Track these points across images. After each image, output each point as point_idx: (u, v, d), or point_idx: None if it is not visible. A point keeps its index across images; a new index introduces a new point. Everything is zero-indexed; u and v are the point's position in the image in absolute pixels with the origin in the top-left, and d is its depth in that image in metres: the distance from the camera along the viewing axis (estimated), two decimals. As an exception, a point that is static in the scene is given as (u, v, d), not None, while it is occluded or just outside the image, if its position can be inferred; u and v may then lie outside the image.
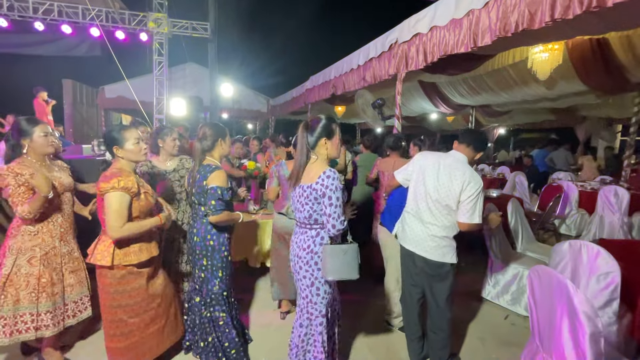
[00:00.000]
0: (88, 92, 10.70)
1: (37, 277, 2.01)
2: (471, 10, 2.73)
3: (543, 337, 1.59)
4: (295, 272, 1.90)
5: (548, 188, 5.56)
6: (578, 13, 2.03)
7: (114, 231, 1.79)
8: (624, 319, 2.04)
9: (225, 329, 2.15)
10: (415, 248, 2.16)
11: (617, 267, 1.89)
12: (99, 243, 1.91)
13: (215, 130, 2.15)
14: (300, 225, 1.88)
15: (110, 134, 1.92)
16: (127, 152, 1.91)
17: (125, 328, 1.96)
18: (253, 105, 12.12)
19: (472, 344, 2.58)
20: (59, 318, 2.08)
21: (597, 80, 4.85)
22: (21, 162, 1.99)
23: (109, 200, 1.78)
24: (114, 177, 1.80)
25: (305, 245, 1.83)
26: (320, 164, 1.81)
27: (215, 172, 2.03)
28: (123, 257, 1.88)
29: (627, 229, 4.46)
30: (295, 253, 1.89)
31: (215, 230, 2.11)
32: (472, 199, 1.98)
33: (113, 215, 1.78)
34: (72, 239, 2.21)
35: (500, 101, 7.09)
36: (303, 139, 1.81)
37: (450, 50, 3.01)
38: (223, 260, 2.14)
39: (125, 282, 1.93)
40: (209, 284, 2.14)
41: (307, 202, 1.79)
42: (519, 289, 3.03)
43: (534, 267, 1.62)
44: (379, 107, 4.53)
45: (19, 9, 7.71)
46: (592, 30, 3.25)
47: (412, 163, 2.27)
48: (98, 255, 1.87)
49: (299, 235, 1.88)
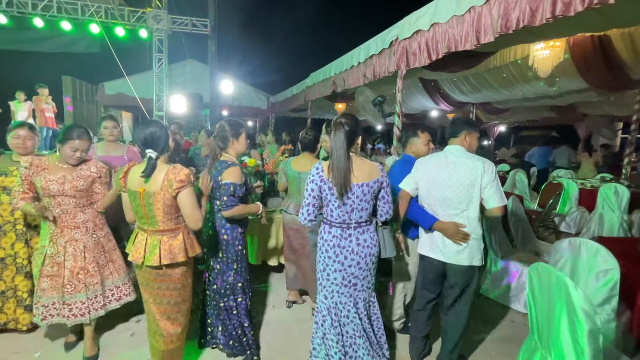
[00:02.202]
0: (88, 89, 10.69)
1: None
2: (472, 7, 2.72)
3: (542, 334, 1.60)
4: (363, 273, 1.86)
5: (548, 185, 5.56)
6: (579, 10, 2.02)
7: (200, 221, 1.83)
8: (623, 316, 2.05)
9: (240, 317, 2.23)
10: (445, 256, 2.06)
11: (616, 264, 1.90)
12: (162, 244, 1.82)
13: (229, 127, 2.16)
14: (359, 224, 1.84)
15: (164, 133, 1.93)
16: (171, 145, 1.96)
17: (184, 320, 2.00)
18: (253, 103, 12.10)
19: (471, 341, 2.59)
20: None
21: (598, 78, 4.84)
22: (39, 157, 2.19)
23: (188, 196, 1.79)
24: (184, 172, 1.79)
25: (374, 242, 1.88)
26: (363, 159, 1.86)
27: (230, 169, 2.06)
28: (191, 249, 1.90)
29: (627, 226, 4.47)
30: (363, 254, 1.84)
31: (229, 224, 2.15)
32: (493, 179, 1.94)
33: (196, 208, 1.82)
34: (64, 242, 2.15)
35: (501, 98, 7.09)
36: (341, 139, 1.75)
37: (452, 48, 3.00)
38: (237, 253, 2.20)
39: (189, 275, 1.97)
40: (224, 275, 2.20)
41: (372, 199, 1.83)
42: (518, 286, 3.04)
43: (534, 265, 1.63)
44: (380, 105, 4.53)
45: (18, 5, 7.68)
46: (594, 27, 3.24)
47: (415, 171, 2.18)
48: (169, 255, 1.81)
49: (359, 235, 1.84)
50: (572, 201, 5.15)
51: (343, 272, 1.85)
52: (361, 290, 1.90)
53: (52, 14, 7.86)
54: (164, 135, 1.83)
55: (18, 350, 2.35)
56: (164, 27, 8.74)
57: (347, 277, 1.85)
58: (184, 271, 1.91)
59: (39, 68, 10.25)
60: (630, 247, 2.63)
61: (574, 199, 5.15)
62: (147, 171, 1.75)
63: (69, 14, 7.96)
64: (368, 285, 1.93)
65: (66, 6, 7.91)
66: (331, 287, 1.89)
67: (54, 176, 2.10)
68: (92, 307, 2.18)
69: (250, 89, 12.10)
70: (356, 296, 1.90)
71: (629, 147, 6.12)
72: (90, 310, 2.17)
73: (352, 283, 1.87)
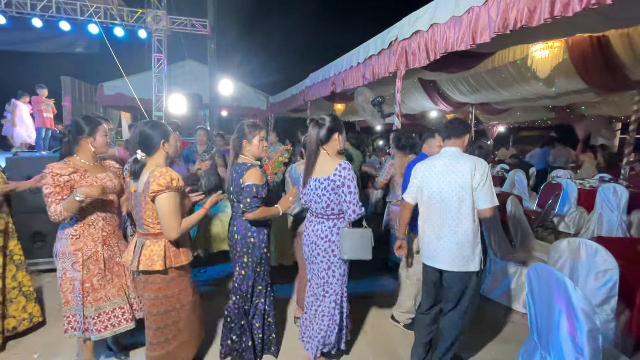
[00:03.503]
0: (87, 89, 10.66)
1: (81, 281, 1.95)
2: (471, 7, 2.72)
3: (541, 334, 1.60)
4: (312, 257, 2.11)
5: (547, 186, 5.57)
6: (578, 10, 2.02)
7: (174, 231, 1.75)
8: (622, 316, 2.05)
9: (265, 320, 2.25)
10: (441, 264, 2.04)
11: (615, 264, 1.90)
12: (144, 248, 1.79)
13: (242, 129, 2.13)
14: (317, 215, 2.08)
15: (164, 127, 1.88)
16: (170, 147, 1.87)
17: (170, 334, 1.92)
18: (252, 103, 12.09)
19: (470, 341, 2.59)
20: (103, 324, 2.00)
21: (597, 78, 4.85)
22: (68, 161, 1.93)
23: (163, 202, 1.71)
24: (166, 176, 1.71)
25: (323, 235, 2.05)
26: (333, 158, 2.02)
27: (251, 170, 2.03)
28: (174, 259, 1.83)
29: (626, 226, 4.47)
30: (312, 241, 2.09)
31: (255, 227, 2.14)
32: (485, 179, 1.91)
33: (172, 216, 1.73)
34: (115, 243, 2.10)
35: (500, 99, 7.10)
36: (315, 134, 2.02)
37: (451, 48, 3.01)
38: (262, 256, 2.18)
39: (174, 285, 1.88)
40: (249, 280, 2.18)
41: (324, 194, 1.99)
42: (518, 286, 3.04)
43: (533, 265, 1.63)
44: (379, 105, 4.53)
45: (17, 6, 7.68)
46: (592, 28, 3.24)
47: (414, 177, 2.18)
48: (147, 261, 1.77)
49: (315, 224, 2.08)
50: (571, 201, 5.16)
51: (305, 247, 2.17)
52: (316, 274, 2.15)
53: (51, 14, 7.85)
54: (155, 136, 1.79)
55: (18, 352, 2.35)
56: (163, 28, 8.74)
57: (306, 252, 2.17)
58: (167, 280, 1.84)
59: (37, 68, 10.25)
60: (629, 247, 2.63)
61: (573, 199, 5.16)
62: (131, 174, 1.77)
63: (68, 14, 7.96)
64: (321, 276, 2.12)
65: (65, 6, 7.91)
66: (306, 260, 2.20)
67: (100, 175, 2.00)
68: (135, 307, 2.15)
69: (249, 89, 12.10)
70: (314, 275, 2.16)
71: (627, 148, 6.14)
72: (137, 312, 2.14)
73: (309, 261, 2.16)
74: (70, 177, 1.86)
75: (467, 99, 7.37)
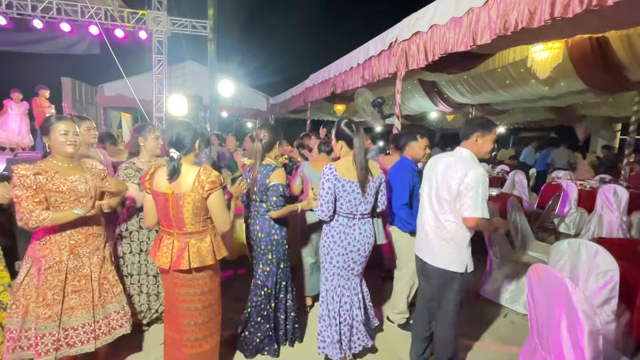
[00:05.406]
0: (87, 90, 10.68)
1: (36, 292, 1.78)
2: (471, 8, 2.73)
3: (542, 335, 1.59)
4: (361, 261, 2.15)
5: (547, 186, 5.57)
6: (578, 12, 2.03)
7: (228, 224, 1.86)
8: (622, 317, 2.05)
9: (288, 315, 2.35)
10: (425, 255, 2.08)
11: (615, 265, 1.90)
12: (191, 246, 1.77)
13: (275, 133, 2.29)
14: (364, 216, 2.11)
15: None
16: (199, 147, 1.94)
17: (214, 327, 1.97)
18: (253, 104, 12.11)
19: (470, 342, 2.59)
20: (52, 345, 1.76)
21: (596, 79, 4.86)
22: (38, 163, 1.80)
23: (218, 198, 1.80)
24: (214, 174, 1.78)
25: (372, 232, 2.14)
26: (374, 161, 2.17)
27: (277, 171, 2.19)
28: (218, 252, 1.88)
29: (626, 227, 4.47)
30: (367, 241, 2.12)
31: (278, 225, 2.26)
32: (470, 189, 1.83)
33: (225, 210, 1.84)
34: (86, 253, 1.88)
35: (500, 100, 7.10)
36: (364, 139, 2.06)
37: (451, 49, 3.01)
38: (285, 252, 2.31)
39: (216, 278, 1.95)
40: (274, 276, 2.29)
41: (375, 192, 2.10)
42: (518, 287, 3.04)
43: (533, 266, 1.63)
44: (379, 106, 4.53)
45: (18, 7, 7.69)
46: (592, 29, 3.25)
47: (425, 175, 2.21)
48: (198, 257, 1.77)
49: (366, 224, 2.12)
50: (572, 202, 5.16)
51: (345, 256, 2.09)
52: (357, 275, 2.17)
53: (52, 15, 7.86)
54: (189, 137, 1.82)
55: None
56: (163, 29, 8.75)
57: (347, 261, 2.09)
58: (211, 275, 1.90)
59: (38, 69, 10.25)
60: (630, 248, 2.63)
61: (573, 200, 5.16)
62: (170, 172, 1.74)
63: (68, 15, 7.97)
64: (362, 271, 2.19)
65: (66, 8, 7.92)
66: (332, 270, 2.11)
67: (72, 177, 1.84)
68: (126, 317, 2.01)
69: (249, 90, 12.11)
70: (352, 280, 2.15)
71: (627, 148, 6.14)
72: (128, 320, 2.02)
73: (350, 267, 2.12)
74: (35, 179, 1.70)
75: (467, 100, 7.37)
